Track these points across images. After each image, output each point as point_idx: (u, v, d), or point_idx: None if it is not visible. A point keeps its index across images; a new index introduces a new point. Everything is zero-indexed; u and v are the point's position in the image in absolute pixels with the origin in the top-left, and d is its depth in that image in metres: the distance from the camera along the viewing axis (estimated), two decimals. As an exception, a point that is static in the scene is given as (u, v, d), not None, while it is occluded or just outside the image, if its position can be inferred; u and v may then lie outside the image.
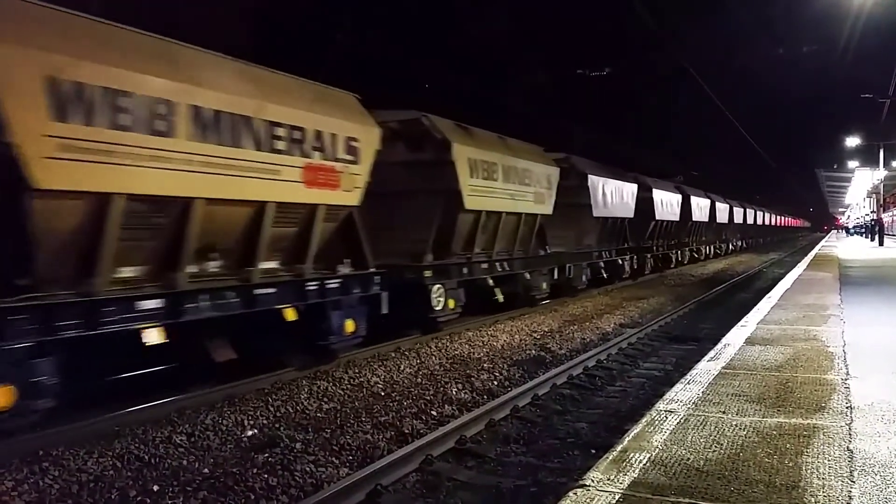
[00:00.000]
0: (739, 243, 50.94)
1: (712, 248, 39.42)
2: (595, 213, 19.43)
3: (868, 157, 41.37)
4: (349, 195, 9.48)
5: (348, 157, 9.35)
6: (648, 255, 25.89)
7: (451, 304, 12.52)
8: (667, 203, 27.29)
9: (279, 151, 8.20)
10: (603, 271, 20.90)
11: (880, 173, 40.06)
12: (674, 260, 29.82)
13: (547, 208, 16.03)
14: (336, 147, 9.13)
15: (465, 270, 12.94)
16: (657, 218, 25.92)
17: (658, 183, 26.76)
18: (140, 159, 6.63)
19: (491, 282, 14.16)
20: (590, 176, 18.99)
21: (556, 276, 17.29)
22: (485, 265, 13.63)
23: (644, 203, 24.08)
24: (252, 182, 7.87)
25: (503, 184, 13.71)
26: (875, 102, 32.59)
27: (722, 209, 40.02)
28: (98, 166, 6.32)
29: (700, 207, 33.58)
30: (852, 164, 46.69)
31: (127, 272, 7.16)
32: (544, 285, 16.53)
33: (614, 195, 20.96)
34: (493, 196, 13.32)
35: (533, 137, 17.15)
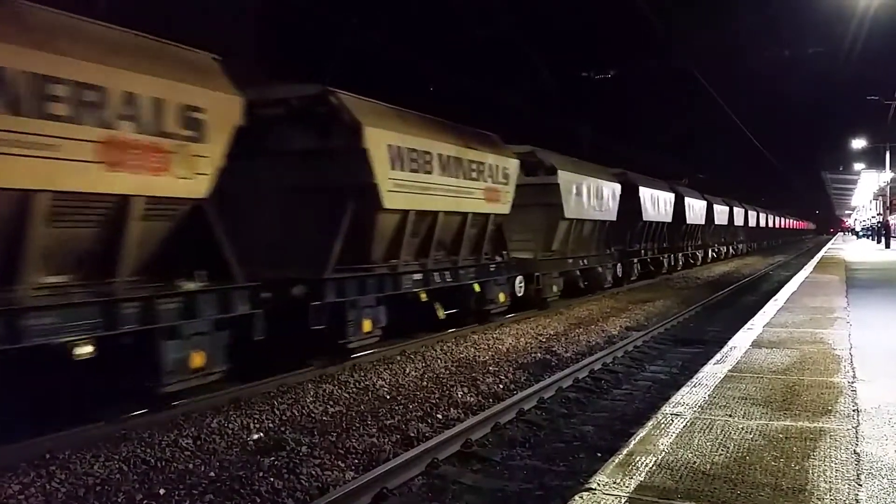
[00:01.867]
0: (742, 246, 50.54)
1: (710, 251, 37.18)
2: (567, 214, 16.76)
3: (874, 159, 41.22)
4: (188, 183, 7.19)
5: (185, 132, 7.07)
6: (635, 261, 23.81)
7: (367, 326, 10.16)
8: (656, 203, 25.08)
9: (58, 119, 5.90)
10: (580, 280, 18.73)
11: (887, 175, 39.93)
12: (665, 265, 27.73)
13: (503, 207, 13.71)
14: (162, 118, 6.82)
15: (387, 282, 10.61)
16: (645, 219, 23.70)
17: (646, 181, 24.54)
18: None
19: (424, 296, 11.68)
20: (560, 172, 16.36)
21: (519, 287, 14.99)
22: (417, 276, 11.28)
23: (630, 203, 21.84)
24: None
25: (440, 178, 11.46)
26: (881, 104, 32.52)
27: (721, 211, 38.22)
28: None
29: (696, 209, 31.57)
30: (858, 166, 46.52)
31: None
32: (502, 297, 13.98)
33: (592, 194, 18.41)
34: (425, 193, 11.07)
35: (535, 139, 16.94)
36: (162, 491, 5.56)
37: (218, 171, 7.50)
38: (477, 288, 13.20)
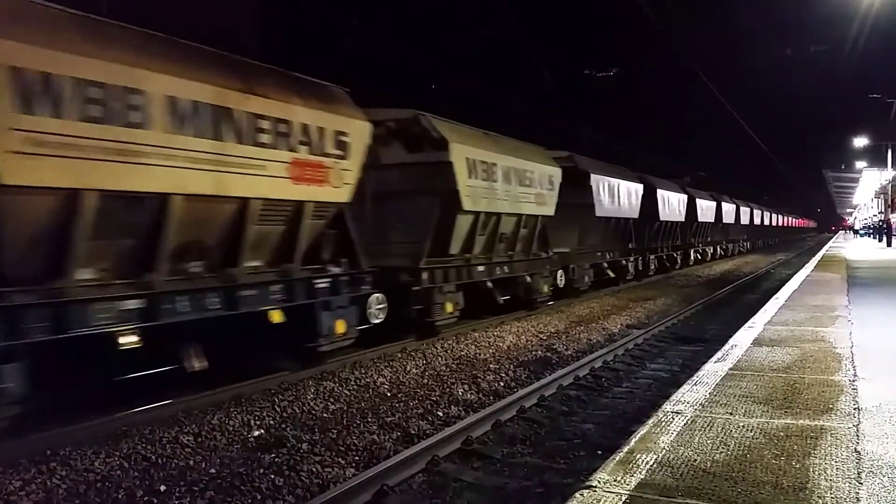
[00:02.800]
0: (746, 244, 50.68)
1: (719, 248, 38.97)
2: (598, 213, 19.08)
3: (876, 157, 41.21)
4: (338, 191, 9.25)
5: (337, 153, 9.13)
6: (653, 256, 25.67)
7: (450, 307, 12.24)
8: (672, 204, 27.09)
9: (264, 145, 8.02)
10: (608, 272, 20.65)
11: (888, 173, 39.89)
12: (679, 261, 29.61)
13: (549, 209, 15.77)
14: (324, 141, 8.90)
15: (463, 272, 12.67)
16: (661, 219, 25.70)
17: (663, 183, 26.49)
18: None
19: (490, 284, 13.79)
20: (592, 175, 18.66)
21: (558, 279, 16.96)
22: (482, 268, 13.32)
23: (649, 203, 23.83)
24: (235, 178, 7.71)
25: (503, 185, 13.48)
26: (883, 102, 32.55)
27: (728, 210, 39.67)
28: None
29: (705, 208, 33.32)
30: (860, 164, 46.49)
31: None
32: (546, 288, 16.09)
33: (618, 195, 20.65)
34: (492, 197, 13.07)
35: (538, 138, 17.15)
36: (163, 487, 5.56)
37: (357, 181, 9.49)
38: (528, 279, 15.21)
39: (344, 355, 9.93)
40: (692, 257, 32.13)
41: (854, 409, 4.78)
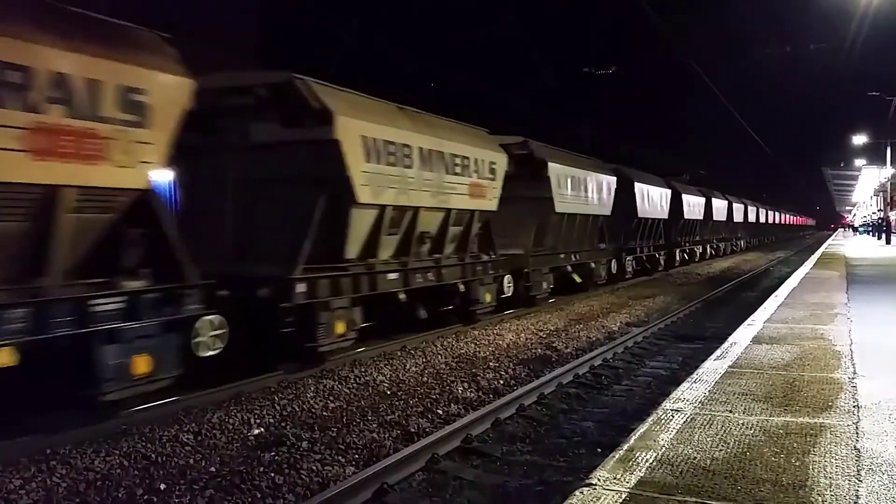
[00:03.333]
0: (741, 242, 50.43)
1: (709, 247, 36.70)
2: (559, 209, 16.42)
3: (875, 155, 41.22)
4: (129, 173, 6.66)
5: (125, 117, 6.53)
6: (630, 258, 23.40)
7: (341, 328, 9.58)
8: (652, 199, 24.73)
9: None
10: (573, 276, 18.25)
11: (887, 171, 39.89)
12: (662, 262, 27.32)
13: (490, 204, 13.24)
14: (97, 100, 6.29)
15: (363, 282, 10.03)
16: (640, 215, 23.34)
17: (642, 176, 24.15)
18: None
19: (403, 296, 11.11)
20: (550, 164, 15.89)
21: (506, 286, 14.47)
22: (393, 276, 10.68)
23: (625, 199, 21.56)
24: None
25: (421, 172, 10.98)
26: (882, 100, 32.56)
27: (719, 207, 37.80)
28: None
29: (692, 205, 31.07)
30: (859, 162, 46.49)
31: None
32: (488, 297, 13.47)
33: (585, 188, 18.04)
34: (403, 187, 10.58)
35: (538, 136, 16.90)
36: (163, 486, 5.56)
37: (164, 159, 7.06)
38: (462, 288, 12.68)
39: (344, 354, 9.91)
40: (677, 258, 29.69)
41: (853, 406, 4.78)
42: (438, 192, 11.53)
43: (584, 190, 18.04)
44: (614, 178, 20.49)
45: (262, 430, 7.00)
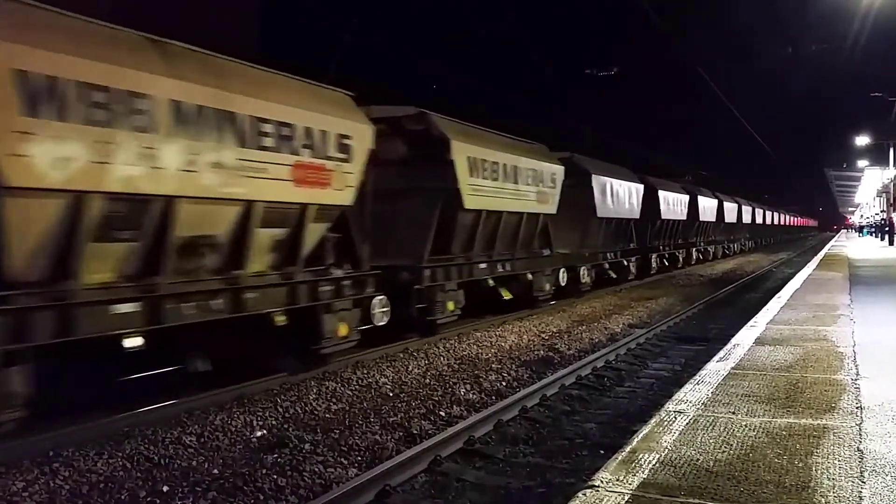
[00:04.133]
0: (749, 243, 50.60)
1: (721, 247, 38.86)
2: (599, 214, 19.20)
3: (878, 156, 41.18)
4: (341, 194, 9.20)
5: (340, 156, 9.09)
6: (655, 256, 25.66)
7: (451, 306, 12.22)
8: (673, 203, 27.13)
9: (266, 148, 7.96)
10: (609, 272, 20.67)
11: (890, 172, 39.85)
12: (681, 260, 29.51)
13: (551, 208, 15.80)
14: (327, 145, 8.85)
15: (464, 270, 12.67)
16: (663, 217, 25.82)
17: (663, 183, 26.60)
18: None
19: (492, 282, 13.80)
20: (593, 175, 18.76)
21: (561, 277, 16.93)
22: (484, 265, 13.32)
23: (650, 203, 23.96)
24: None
25: (505, 183, 13.49)
26: (885, 101, 32.53)
27: (730, 209, 39.58)
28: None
29: (707, 208, 33.29)
30: (862, 163, 46.46)
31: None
32: (548, 286, 16.08)
33: (619, 195, 20.76)
34: (494, 196, 13.07)
35: (539, 137, 17.11)
36: (165, 488, 5.57)
37: (360, 184, 9.50)
38: (530, 277, 15.13)
39: (346, 356, 9.93)
40: (694, 256, 32.07)
41: (857, 407, 4.77)
42: (516, 199, 14.05)
43: (619, 197, 20.82)
44: (642, 186, 23.14)
45: (265, 432, 7.00)
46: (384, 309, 10.45)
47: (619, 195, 20.83)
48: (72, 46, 6.15)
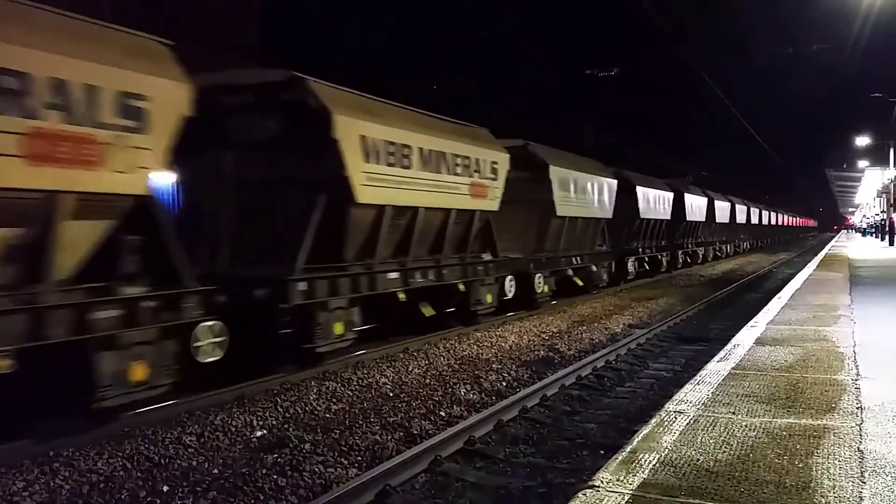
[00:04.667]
0: (745, 244, 50.32)
1: (712, 249, 36.56)
2: (560, 213, 16.31)
3: (878, 156, 41.17)
4: (126, 178, 6.47)
5: (124, 123, 6.40)
6: (632, 259, 23.30)
7: (339, 329, 9.54)
8: (654, 201, 24.72)
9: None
10: (574, 279, 18.22)
11: (890, 173, 39.84)
12: (665, 263, 27.20)
13: (491, 204, 13.14)
14: (95, 105, 6.14)
15: (361, 282, 9.99)
16: (642, 217, 23.42)
17: (642, 179, 24.22)
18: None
19: (403, 296, 11.01)
20: (551, 167, 15.79)
21: (507, 287, 14.32)
22: (394, 275, 10.70)
23: (626, 201, 21.60)
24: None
25: (421, 172, 10.91)
26: (885, 101, 32.51)
27: (722, 208, 37.38)
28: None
29: (695, 206, 30.91)
30: (862, 163, 46.45)
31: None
32: (489, 297, 13.41)
33: (586, 190, 18.02)
34: (404, 187, 10.49)
35: (540, 137, 16.92)
36: (165, 488, 5.57)
37: (162, 164, 6.95)
38: (462, 288, 12.55)
39: (345, 356, 9.92)
40: (680, 259, 29.71)
41: (857, 408, 4.77)
42: (439, 192, 11.41)
43: (587, 193, 18.08)
44: (615, 182, 20.40)
45: (265, 432, 7.00)
46: (216, 340, 7.51)
47: (587, 191, 18.10)
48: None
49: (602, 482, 3.46)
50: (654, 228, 25.61)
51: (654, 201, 24.72)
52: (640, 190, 23.00)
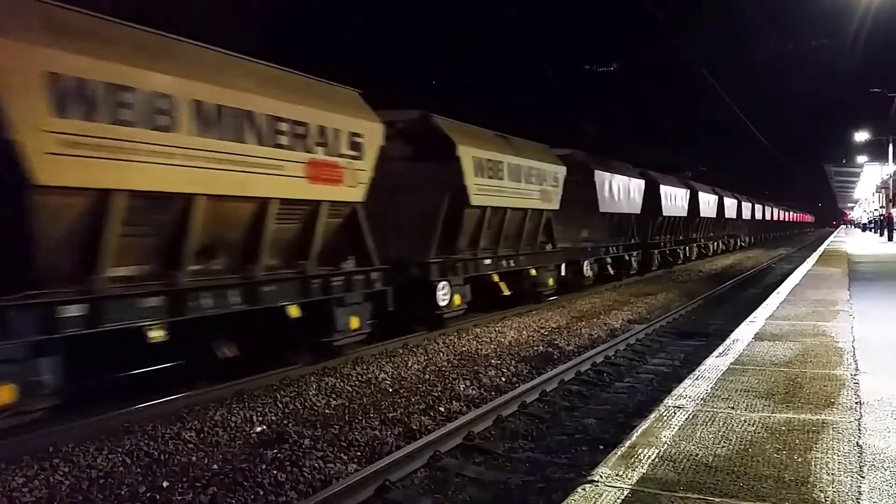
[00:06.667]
0: (748, 239, 50.67)
1: (720, 243, 39.16)
2: (601, 209, 19.57)
3: (877, 151, 41.15)
4: (353, 191, 9.49)
5: (352, 153, 9.38)
6: (655, 251, 25.85)
7: (458, 301, 12.62)
8: (674, 199, 27.39)
9: (282, 146, 8.21)
10: (609, 267, 20.87)
11: (889, 168, 39.85)
12: (681, 256, 29.75)
13: (554, 205, 16.21)
14: (339, 143, 9.14)
15: (470, 266, 13.10)
16: (664, 214, 26.07)
17: (665, 178, 26.84)
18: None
19: (496, 278, 14.21)
20: (596, 172, 19.14)
21: (563, 272, 17.26)
22: (488, 261, 13.74)
23: (651, 199, 24.23)
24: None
25: (508, 182, 13.94)
26: (884, 97, 32.47)
27: (730, 205, 39.82)
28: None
29: (708, 203, 33.51)
30: (861, 158, 46.43)
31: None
32: (551, 281, 16.46)
33: (621, 191, 21.05)
34: (498, 194, 13.50)
35: (541, 132, 17.25)
36: (165, 483, 5.57)
37: (370, 181, 9.77)
38: (533, 272, 15.58)
39: (348, 351, 9.94)
40: (695, 252, 32.27)
41: (856, 403, 4.78)
42: (520, 197, 14.47)
43: (621, 192, 21.11)
44: (643, 181, 23.43)
45: (265, 427, 7.01)
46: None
47: (621, 190, 21.10)
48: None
49: (601, 477, 3.47)
50: (673, 224, 28.36)
51: (674, 198, 27.47)
52: (662, 188, 25.64)
